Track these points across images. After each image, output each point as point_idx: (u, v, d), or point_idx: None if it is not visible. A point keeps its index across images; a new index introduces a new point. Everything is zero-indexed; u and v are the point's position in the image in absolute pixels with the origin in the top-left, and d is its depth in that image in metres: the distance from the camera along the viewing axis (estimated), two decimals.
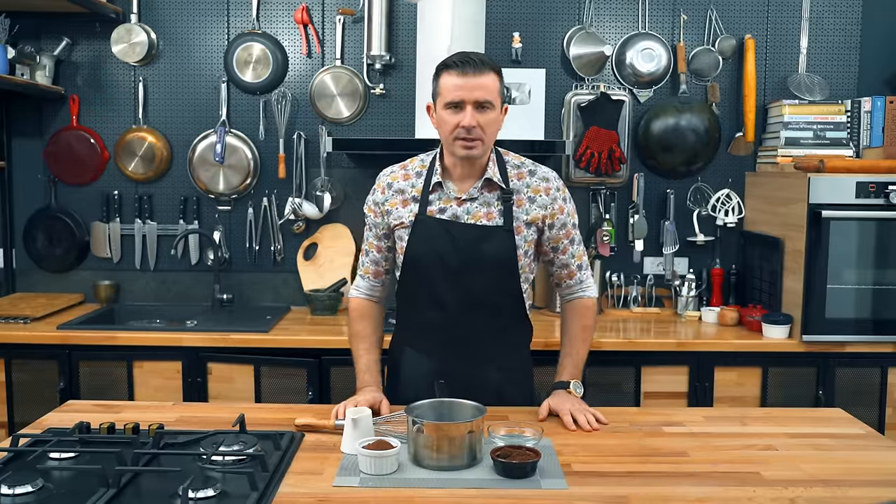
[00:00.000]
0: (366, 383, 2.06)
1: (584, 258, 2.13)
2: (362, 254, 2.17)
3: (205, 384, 2.89)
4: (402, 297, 2.12)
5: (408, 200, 2.04)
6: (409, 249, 2.03)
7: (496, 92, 1.92)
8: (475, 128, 1.89)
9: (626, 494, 1.52)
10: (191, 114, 3.42)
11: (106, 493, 1.46)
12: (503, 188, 2.00)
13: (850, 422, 2.01)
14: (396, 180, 2.07)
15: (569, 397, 1.99)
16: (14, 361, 2.91)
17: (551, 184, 2.04)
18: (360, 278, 2.18)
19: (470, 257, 1.99)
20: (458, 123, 1.89)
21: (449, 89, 1.90)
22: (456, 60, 1.91)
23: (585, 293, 2.13)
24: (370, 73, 3.39)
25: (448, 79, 1.91)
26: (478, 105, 1.89)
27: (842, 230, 2.84)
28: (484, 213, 2.00)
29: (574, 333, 2.10)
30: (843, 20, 3.42)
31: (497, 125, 1.96)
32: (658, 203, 3.45)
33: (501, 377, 2.08)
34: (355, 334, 2.15)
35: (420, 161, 2.09)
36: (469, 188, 2.00)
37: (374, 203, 2.09)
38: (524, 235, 2.02)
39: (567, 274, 2.11)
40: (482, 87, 1.89)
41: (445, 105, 1.91)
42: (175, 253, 3.40)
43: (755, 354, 2.90)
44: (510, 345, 2.11)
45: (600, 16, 3.41)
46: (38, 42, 3.36)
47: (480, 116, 1.90)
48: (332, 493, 1.53)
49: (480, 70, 1.89)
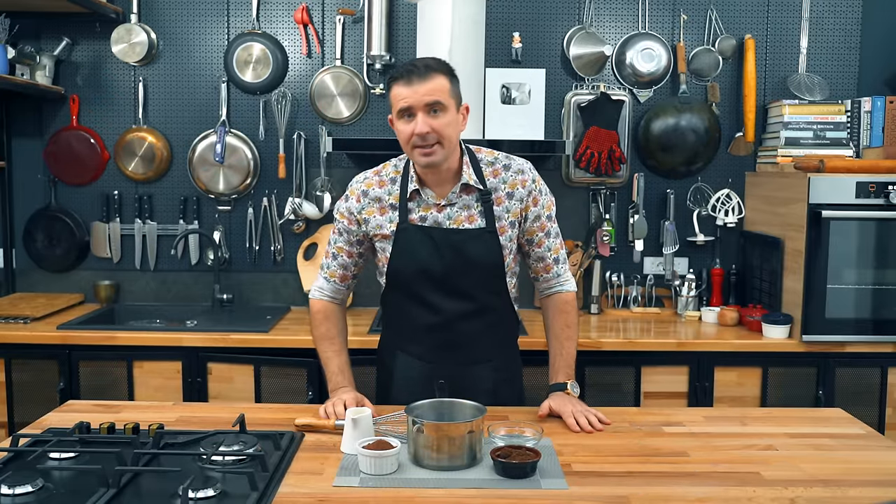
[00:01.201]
0: (340, 384, 2.05)
1: (561, 252, 2.10)
2: (327, 256, 2.14)
3: (205, 384, 2.89)
4: (390, 303, 2.12)
5: (385, 208, 2.03)
6: (394, 260, 2.02)
7: (447, 93, 1.89)
8: (429, 133, 1.87)
9: (626, 494, 1.52)
10: (191, 114, 3.42)
11: (106, 493, 1.46)
12: (480, 189, 1.99)
13: (850, 422, 2.01)
14: (371, 187, 2.05)
15: (569, 399, 1.99)
16: (14, 361, 2.91)
17: (526, 175, 2.03)
18: (324, 280, 2.15)
19: (455, 262, 1.98)
20: (413, 132, 1.88)
21: (398, 99, 1.89)
22: (402, 70, 1.90)
23: (563, 287, 2.11)
24: (370, 73, 3.39)
25: (396, 89, 1.90)
26: (429, 109, 1.87)
27: (842, 230, 2.84)
28: (465, 217, 1.99)
29: (559, 332, 2.09)
30: (843, 20, 3.42)
31: (455, 126, 1.93)
32: (658, 203, 3.45)
33: (495, 377, 2.09)
34: (322, 336, 2.13)
35: (393, 166, 2.07)
36: (447, 193, 1.99)
37: (348, 211, 2.06)
38: (508, 235, 2.02)
39: (543, 267, 2.10)
40: (430, 91, 1.86)
41: (398, 115, 1.91)
42: (175, 253, 3.40)
43: (755, 354, 2.90)
44: (501, 342, 2.12)
45: (600, 16, 3.41)
46: (38, 42, 3.36)
47: (433, 120, 1.87)
48: (332, 493, 1.53)
49: (426, 75, 1.87)
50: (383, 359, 2.19)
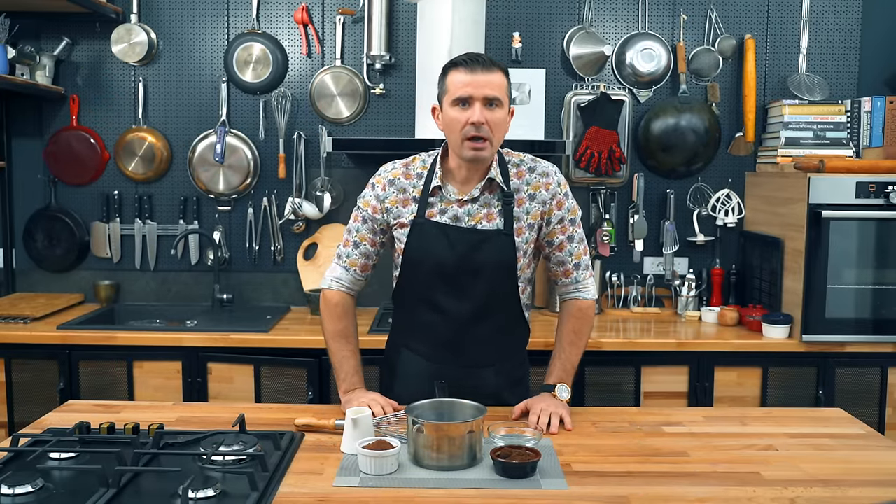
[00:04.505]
0: (356, 385, 2.03)
1: (583, 258, 2.08)
2: (348, 245, 2.08)
3: (205, 384, 2.89)
4: (401, 299, 2.11)
5: (408, 200, 2.02)
6: (407, 252, 2.01)
7: (504, 90, 1.90)
8: (484, 125, 1.86)
9: (626, 494, 1.52)
10: (191, 114, 3.42)
11: (106, 493, 1.46)
12: (504, 189, 1.99)
13: (850, 422, 2.01)
14: (398, 177, 2.04)
15: (546, 398, 1.96)
16: (14, 361, 2.91)
17: (551, 178, 2.02)
18: (342, 270, 2.09)
19: (468, 261, 1.97)
20: (468, 120, 1.86)
21: (457, 86, 1.88)
22: (465, 59, 1.90)
23: (581, 294, 2.08)
24: (370, 73, 3.39)
25: (456, 76, 1.89)
26: (487, 102, 1.87)
27: (842, 230, 2.84)
28: (484, 215, 1.98)
29: (565, 336, 2.07)
30: (843, 20, 3.42)
31: (505, 126, 1.93)
32: (658, 203, 3.45)
33: (499, 381, 2.07)
34: (339, 333, 2.07)
35: (422, 161, 2.06)
36: (471, 189, 1.99)
37: (376, 198, 2.05)
38: (525, 237, 2.00)
39: (563, 272, 2.08)
40: (491, 84, 1.87)
41: (453, 102, 1.89)
42: (175, 253, 3.40)
43: (755, 354, 2.90)
44: (508, 348, 2.10)
45: (600, 16, 3.41)
46: (38, 42, 3.36)
47: (489, 114, 1.87)
48: (332, 493, 1.53)
49: (489, 68, 1.88)
50: (389, 356, 2.18)
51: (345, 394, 2.03)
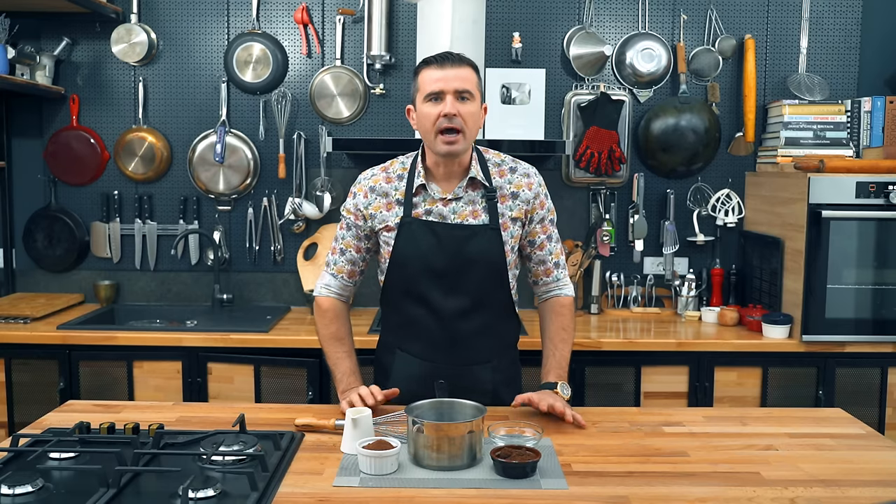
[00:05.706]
0: (352, 385, 2.03)
1: (561, 257, 2.13)
2: (334, 252, 2.13)
3: (205, 384, 2.89)
4: (390, 300, 2.12)
5: (392, 203, 2.04)
6: (396, 253, 2.02)
7: (475, 85, 1.95)
8: (456, 116, 1.90)
9: (626, 494, 1.52)
10: (191, 114, 3.42)
11: (106, 493, 1.46)
12: (486, 186, 2.01)
13: (850, 422, 2.01)
14: (378, 183, 2.06)
15: (551, 393, 1.97)
16: (14, 361, 2.91)
17: (532, 179, 2.06)
18: (331, 277, 2.13)
19: (457, 257, 1.99)
20: (440, 113, 1.90)
21: (428, 82, 1.92)
22: (435, 57, 1.95)
23: (563, 291, 2.13)
24: (370, 73, 3.39)
25: (428, 73, 1.94)
26: (458, 95, 1.91)
27: (842, 230, 2.84)
28: (469, 212, 2.01)
29: (554, 333, 2.09)
30: (843, 20, 3.42)
31: (478, 119, 1.97)
32: (658, 203, 3.45)
33: (494, 378, 2.08)
34: (332, 336, 2.11)
35: (401, 164, 2.08)
36: (453, 188, 2.01)
37: (355, 207, 2.07)
38: (510, 231, 2.03)
39: (544, 271, 2.12)
40: (461, 78, 1.92)
41: (426, 98, 1.93)
42: (175, 253, 3.40)
43: (755, 354, 2.90)
44: (501, 343, 2.12)
45: (600, 16, 3.41)
46: (38, 42, 3.36)
47: (461, 106, 1.91)
48: (332, 493, 1.53)
49: (459, 63, 1.93)
50: (381, 358, 2.18)
51: (342, 394, 2.03)
